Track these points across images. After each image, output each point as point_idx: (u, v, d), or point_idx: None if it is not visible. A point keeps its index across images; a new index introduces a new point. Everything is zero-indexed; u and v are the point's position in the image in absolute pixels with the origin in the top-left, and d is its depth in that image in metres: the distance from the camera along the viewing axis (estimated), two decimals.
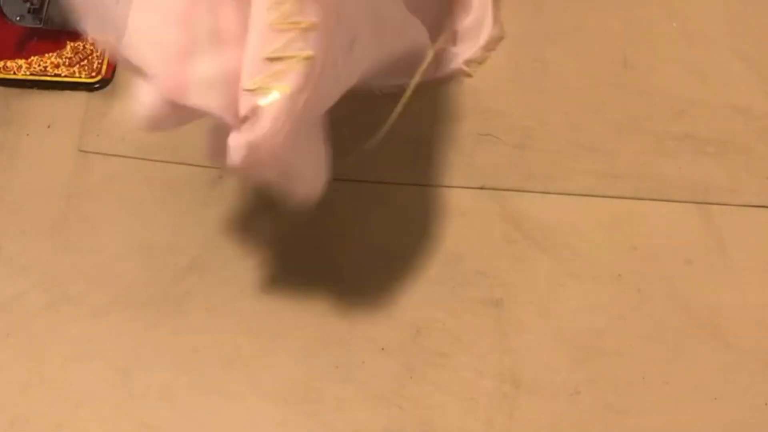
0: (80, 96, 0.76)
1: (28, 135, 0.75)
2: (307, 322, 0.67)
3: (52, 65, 0.77)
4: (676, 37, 0.76)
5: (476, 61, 0.63)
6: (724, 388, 0.64)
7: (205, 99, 0.46)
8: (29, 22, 0.77)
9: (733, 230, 0.69)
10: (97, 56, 0.77)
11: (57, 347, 0.67)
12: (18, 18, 0.77)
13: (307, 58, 0.45)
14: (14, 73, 0.77)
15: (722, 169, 0.71)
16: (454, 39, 0.65)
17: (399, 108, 0.59)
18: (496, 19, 0.66)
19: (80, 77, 0.76)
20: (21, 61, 0.77)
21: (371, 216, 0.71)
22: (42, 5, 0.77)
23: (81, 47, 0.78)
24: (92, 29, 0.51)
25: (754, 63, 0.74)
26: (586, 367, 0.65)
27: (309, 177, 0.55)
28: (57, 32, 0.78)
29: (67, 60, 0.77)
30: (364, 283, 0.68)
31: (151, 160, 0.73)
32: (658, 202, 0.70)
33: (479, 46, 0.65)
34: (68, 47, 0.78)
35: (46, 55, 0.77)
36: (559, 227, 0.69)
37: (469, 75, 0.64)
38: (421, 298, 0.68)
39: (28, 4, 0.77)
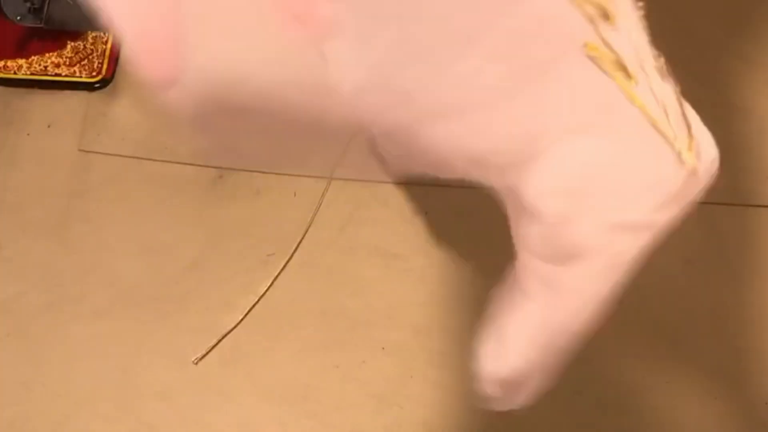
0: (81, 96, 0.76)
1: (28, 135, 0.75)
2: (307, 322, 0.67)
3: (53, 65, 0.77)
4: (676, 37, 0.76)
5: None
6: (724, 387, 0.64)
7: None
8: (29, 22, 0.77)
9: (733, 230, 0.69)
10: (97, 56, 0.77)
11: (57, 347, 0.67)
12: (18, 17, 0.77)
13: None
14: (14, 73, 0.77)
15: (723, 168, 0.71)
16: None
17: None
18: None
19: (81, 77, 0.76)
20: (21, 61, 0.77)
21: (371, 216, 0.71)
22: (42, 5, 0.77)
23: (81, 47, 0.78)
24: None
25: (755, 63, 0.74)
26: (586, 367, 0.65)
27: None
28: (57, 32, 0.78)
29: (68, 59, 0.77)
30: (365, 283, 0.68)
31: (152, 160, 0.73)
32: None
33: None
34: (68, 47, 0.78)
35: (47, 54, 0.77)
36: None
37: None
38: (421, 298, 0.68)
39: (28, 4, 0.76)
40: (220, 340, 0.66)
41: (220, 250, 0.70)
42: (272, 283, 0.68)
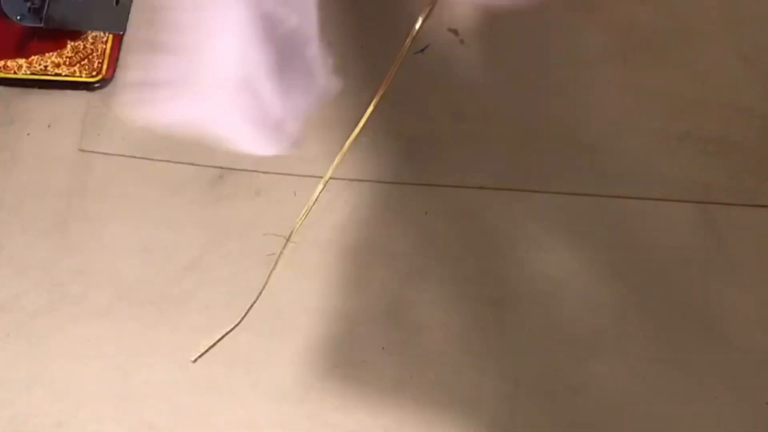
0: (81, 95, 0.76)
1: (28, 134, 0.75)
2: (307, 322, 0.67)
3: (53, 65, 0.77)
4: (677, 37, 0.76)
5: None
6: (724, 387, 0.64)
7: None
8: (30, 22, 0.77)
9: (733, 230, 0.69)
10: (97, 56, 0.77)
11: (57, 347, 0.67)
12: (18, 17, 0.77)
13: None
14: (14, 73, 0.77)
15: (722, 168, 0.71)
16: None
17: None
18: None
19: (81, 76, 0.76)
20: (21, 61, 0.77)
21: (371, 216, 0.71)
22: (42, 5, 0.77)
23: (81, 47, 0.78)
24: None
25: (755, 63, 0.74)
26: (586, 367, 0.65)
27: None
28: (57, 31, 0.78)
29: (68, 59, 0.77)
30: (365, 283, 0.68)
31: (151, 160, 0.73)
32: (658, 202, 0.70)
33: None
34: (68, 46, 0.78)
35: (47, 54, 0.78)
36: (560, 227, 0.69)
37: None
38: (421, 298, 0.68)
39: (28, 3, 0.77)
40: (219, 340, 0.66)
41: (220, 250, 0.70)
42: (272, 282, 0.68)
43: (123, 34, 0.78)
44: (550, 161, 0.71)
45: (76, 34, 0.78)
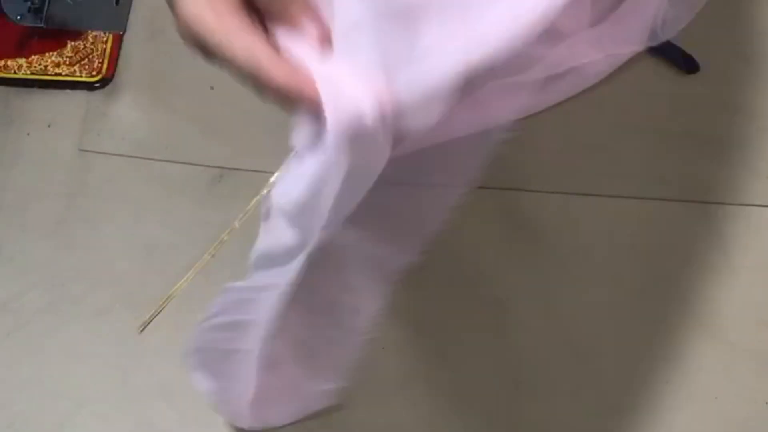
0: (81, 95, 0.76)
1: (28, 134, 0.75)
2: None
3: (53, 64, 0.77)
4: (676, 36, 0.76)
5: None
6: (724, 387, 0.64)
7: None
8: (30, 21, 0.77)
9: (733, 230, 0.69)
10: (97, 55, 0.77)
11: (57, 347, 0.67)
12: (18, 17, 0.77)
13: None
14: (14, 72, 0.77)
15: (722, 168, 0.71)
16: None
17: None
18: None
19: (81, 76, 0.76)
20: (21, 60, 0.77)
21: None
22: (42, 4, 0.77)
23: (81, 46, 0.78)
24: None
25: (754, 63, 0.74)
26: (586, 367, 0.65)
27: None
28: (58, 31, 0.78)
29: (68, 59, 0.77)
30: None
31: (152, 160, 0.73)
32: (658, 202, 0.70)
33: None
34: (69, 46, 0.78)
35: (47, 54, 0.77)
36: (560, 227, 0.69)
37: None
38: (421, 298, 0.68)
39: (28, 3, 0.77)
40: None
41: (220, 250, 0.70)
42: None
43: (123, 34, 0.78)
44: (550, 161, 0.71)
45: (76, 34, 0.78)
